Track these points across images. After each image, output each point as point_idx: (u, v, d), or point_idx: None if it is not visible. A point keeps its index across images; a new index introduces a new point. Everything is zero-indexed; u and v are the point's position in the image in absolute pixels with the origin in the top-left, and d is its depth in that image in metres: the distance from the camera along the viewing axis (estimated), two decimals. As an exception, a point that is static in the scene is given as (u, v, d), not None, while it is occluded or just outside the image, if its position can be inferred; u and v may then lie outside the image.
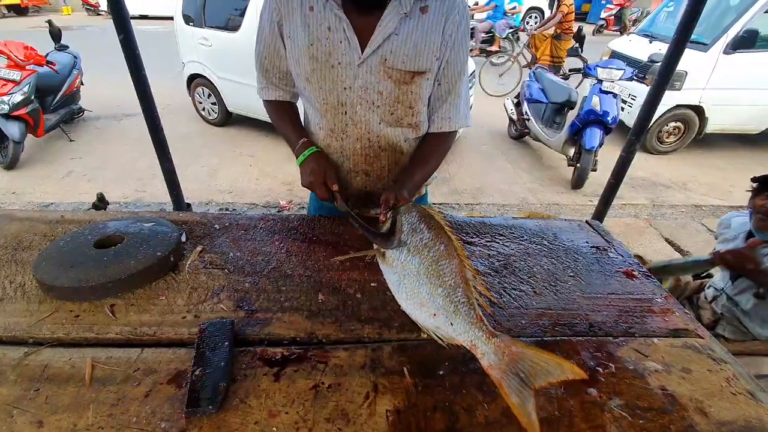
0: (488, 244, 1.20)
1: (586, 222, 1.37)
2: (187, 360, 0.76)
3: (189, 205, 2.64)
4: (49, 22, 4.31)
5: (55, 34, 4.34)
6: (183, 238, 1.12)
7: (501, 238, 1.24)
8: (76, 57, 4.63)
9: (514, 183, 4.79)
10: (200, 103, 5.33)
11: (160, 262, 0.97)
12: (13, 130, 3.70)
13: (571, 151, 4.68)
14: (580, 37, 4.36)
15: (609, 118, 4.31)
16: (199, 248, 1.09)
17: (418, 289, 0.77)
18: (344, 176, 1.24)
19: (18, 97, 3.68)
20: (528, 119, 5.24)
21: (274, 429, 0.66)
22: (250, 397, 0.71)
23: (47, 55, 4.21)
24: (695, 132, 5.37)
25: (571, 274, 1.09)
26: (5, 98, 3.62)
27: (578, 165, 4.50)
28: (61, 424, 0.65)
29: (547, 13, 15.05)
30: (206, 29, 4.78)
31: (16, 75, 3.71)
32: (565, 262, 1.14)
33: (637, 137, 2.45)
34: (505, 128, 6.04)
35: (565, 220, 1.38)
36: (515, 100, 5.70)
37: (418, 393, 0.73)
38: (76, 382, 0.72)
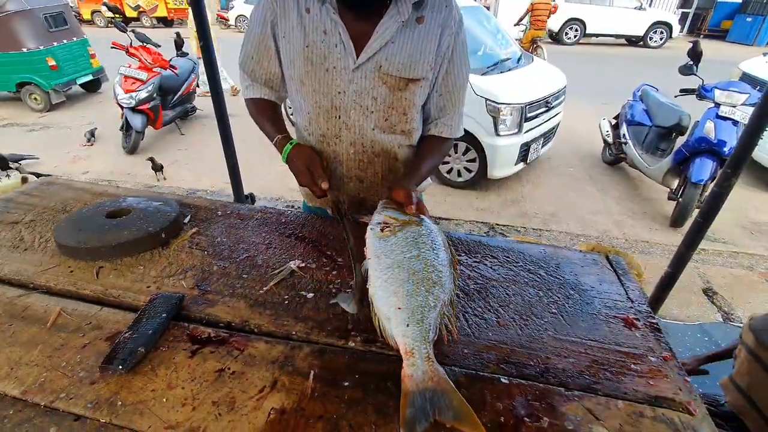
0: (474, 264, 1.11)
1: (606, 257, 1.19)
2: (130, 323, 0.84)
3: (247, 197, 2.89)
4: (177, 34, 5.12)
5: (179, 43, 5.14)
6: (186, 220, 1.24)
7: (492, 260, 1.13)
8: (195, 63, 5.44)
9: (598, 212, 4.32)
10: (290, 107, 5.81)
11: (150, 237, 1.08)
12: (136, 121, 4.47)
13: (674, 183, 4.08)
14: (695, 54, 3.76)
15: (725, 149, 3.66)
16: (193, 230, 1.20)
17: (404, 282, 0.79)
18: (337, 182, 1.24)
19: (143, 94, 4.45)
20: (625, 143, 4.69)
21: (164, 400, 0.70)
22: (160, 367, 0.76)
23: (171, 60, 5.01)
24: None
25: (554, 310, 0.95)
26: (133, 94, 4.39)
27: (681, 200, 3.90)
28: (10, 356, 0.77)
29: (590, 26, 13.37)
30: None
31: (143, 75, 4.49)
32: (554, 296, 1.00)
33: (734, 170, 2.04)
34: (598, 151, 5.49)
35: (580, 251, 1.21)
36: (613, 122, 5.16)
37: (312, 398, 0.71)
38: (41, 325, 0.84)
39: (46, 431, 0.65)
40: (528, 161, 4.48)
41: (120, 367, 0.73)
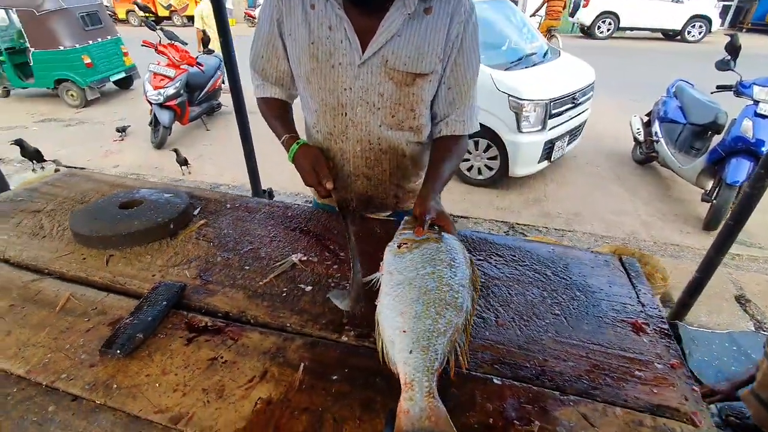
0: (478, 262, 1.09)
1: (619, 258, 1.14)
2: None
3: (265, 191, 2.93)
4: (204, 32, 5.25)
5: (205, 41, 5.27)
6: (195, 212, 1.27)
7: (497, 258, 1.11)
8: (221, 60, 5.57)
9: (625, 213, 4.16)
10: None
11: (159, 227, 1.12)
12: (164, 117, 4.62)
13: (709, 184, 3.88)
14: (733, 49, 3.54)
15: (763, 149, 3.45)
16: (202, 221, 1.22)
17: (413, 302, 0.73)
18: (344, 179, 1.24)
19: (171, 91, 4.59)
20: (657, 141, 4.49)
21: (157, 385, 0.71)
22: (157, 353, 0.78)
23: (198, 57, 5.15)
24: None
25: (557, 311, 0.92)
26: (161, 91, 4.55)
27: (715, 202, 3.71)
28: (19, 337, 0.80)
29: (624, 20, 12.86)
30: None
31: (171, 72, 4.63)
32: (558, 297, 0.97)
33: (769, 170, 1.91)
34: (628, 149, 5.28)
35: (592, 252, 1.16)
36: (645, 119, 4.95)
37: (299, 390, 0.71)
38: (51, 308, 0.88)
39: (45, 409, 0.68)
40: (552, 159, 4.36)
41: (118, 351, 0.75)
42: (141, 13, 13.25)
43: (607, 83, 7.65)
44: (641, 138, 4.83)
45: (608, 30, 13.13)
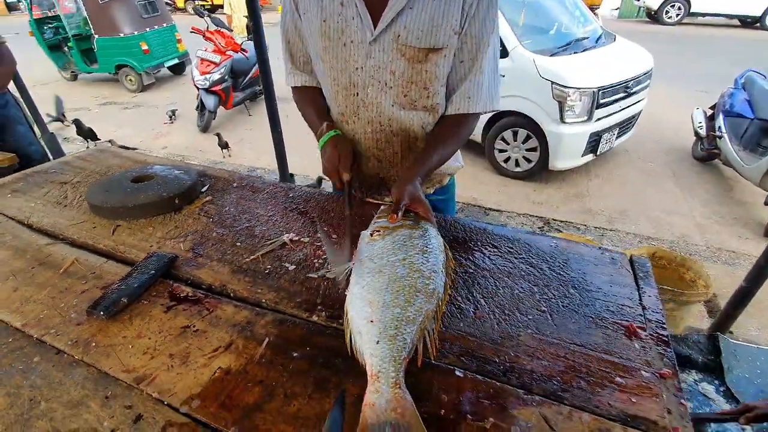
0: (471, 252, 1.05)
1: (630, 258, 1.05)
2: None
3: (293, 175, 3.00)
4: (247, 16, 5.40)
5: (250, 28, 5.42)
6: (203, 189, 1.32)
7: (491, 249, 1.06)
8: (265, 47, 5.73)
9: (676, 213, 3.85)
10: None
11: (164, 201, 1.17)
12: (209, 101, 4.84)
13: (774, 187, 3.49)
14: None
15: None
16: (207, 198, 1.27)
17: (381, 291, 0.72)
18: (357, 160, 1.21)
19: (216, 76, 4.79)
20: (720, 137, 4.09)
21: (130, 347, 0.76)
22: (137, 318, 0.82)
23: (242, 43, 5.33)
24: None
25: (544, 308, 0.87)
26: (207, 76, 4.76)
27: (780, 205, 3.34)
28: (23, 294, 0.88)
29: (695, 4, 11.56)
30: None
31: (217, 58, 4.83)
32: (549, 293, 0.91)
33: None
34: (688, 145, 4.84)
35: (600, 248, 1.08)
36: (708, 112, 4.51)
37: (258, 363, 0.72)
38: (56, 270, 0.95)
39: (30, 359, 0.74)
40: (598, 152, 4.10)
41: (102, 313, 0.80)
42: (197, 2, 13.82)
43: (671, 72, 7.05)
44: (703, 133, 4.42)
45: (677, 15, 12.02)
